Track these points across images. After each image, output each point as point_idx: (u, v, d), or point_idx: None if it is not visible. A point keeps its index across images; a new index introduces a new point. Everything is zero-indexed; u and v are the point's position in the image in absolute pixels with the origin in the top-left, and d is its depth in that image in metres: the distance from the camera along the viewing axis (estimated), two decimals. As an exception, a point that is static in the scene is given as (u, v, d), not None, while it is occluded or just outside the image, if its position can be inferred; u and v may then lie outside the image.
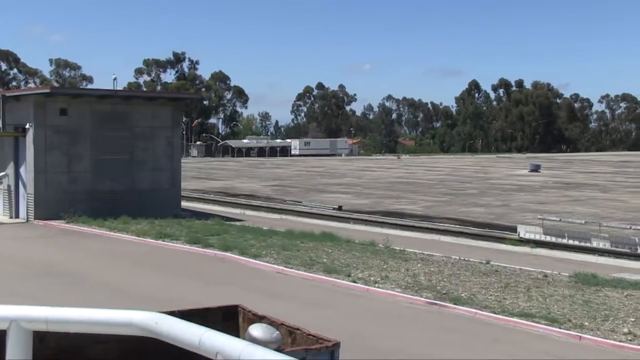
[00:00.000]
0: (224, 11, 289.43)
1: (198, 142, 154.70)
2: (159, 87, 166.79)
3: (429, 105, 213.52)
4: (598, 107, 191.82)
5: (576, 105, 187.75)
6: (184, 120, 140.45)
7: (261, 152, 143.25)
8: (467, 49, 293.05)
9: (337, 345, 7.39)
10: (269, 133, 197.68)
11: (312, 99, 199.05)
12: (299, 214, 40.31)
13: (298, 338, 7.78)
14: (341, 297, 19.59)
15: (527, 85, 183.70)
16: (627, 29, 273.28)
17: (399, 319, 17.54)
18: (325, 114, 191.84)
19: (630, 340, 15.44)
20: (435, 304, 18.60)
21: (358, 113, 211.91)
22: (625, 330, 15.99)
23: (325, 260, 23.84)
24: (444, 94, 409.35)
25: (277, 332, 7.39)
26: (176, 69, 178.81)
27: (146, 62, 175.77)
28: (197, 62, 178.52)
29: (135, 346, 6.62)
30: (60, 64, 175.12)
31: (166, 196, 35.44)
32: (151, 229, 29.75)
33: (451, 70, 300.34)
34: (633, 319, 16.80)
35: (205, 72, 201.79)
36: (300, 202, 44.65)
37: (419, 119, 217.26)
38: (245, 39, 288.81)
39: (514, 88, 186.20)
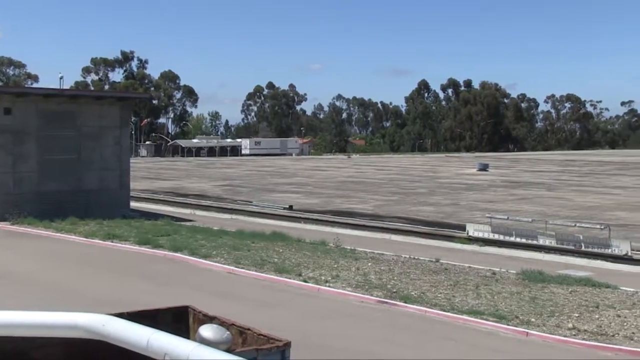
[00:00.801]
0: (174, 10, 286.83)
1: (147, 142, 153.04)
2: (107, 87, 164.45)
3: (379, 105, 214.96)
4: (544, 107, 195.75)
5: (523, 105, 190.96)
6: (132, 119, 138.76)
7: (211, 151, 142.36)
8: (416, 49, 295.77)
9: (288, 345, 7.39)
10: (219, 133, 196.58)
11: (263, 98, 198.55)
12: (249, 214, 40.18)
13: (249, 338, 7.76)
14: (292, 297, 19.59)
15: (476, 85, 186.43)
16: (572, 31, 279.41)
17: (350, 317, 17.61)
18: (276, 114, 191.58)
19: (575, 335, 15.79)
20: (386, 302, 18.73)
21: (308, 112, 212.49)
22: (570, 325, 16.34)
23: (276, 260, 23.81)
24: (394, 93, 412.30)
25: (228, 333, 7.35)
26: (124, 68, 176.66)
27: (94, 61, 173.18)
28: (146, 61, 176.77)
29: (83, 349, 6.51)
30: (4, 62, 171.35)
31: (115, 197, 34.97)
32: (99, 229, 29.32)
33: (401, 70, 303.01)
34: (577, 315, 17.17)
35: (154, 71, 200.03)
36: (251, 202, 44.50)
37: (369, 119, 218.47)
38: (195, 38, 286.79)
39: (462, 88, 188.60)
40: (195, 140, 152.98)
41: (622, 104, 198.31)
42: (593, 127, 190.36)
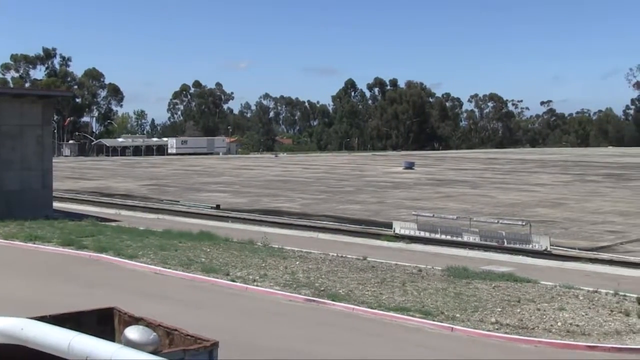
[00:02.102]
0: (97, 6, 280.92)
1: (71, 141, 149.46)
2: (27, 84, 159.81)
3: (306, 104, 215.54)
4: (468, 106, 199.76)
5: (448, 104, 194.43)
6: (55, 118, 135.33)
7: (137, 151, 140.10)
8: (343, 48, 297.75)
9: (215, 345, 7.35)
10: (145, 132, 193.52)
11: (189, 97, 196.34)
12: (176, 214, 39.74)
13: (176, 339, 7.68)
14: (220, 297, 19.48)
15: (401, 84, 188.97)
16: (495, 32, 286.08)
17: (278, 316, 17.62)
18: (203, 113, 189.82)
19: (497, 329, 16.20)
20: (314, 300, 18.82)
21: (235, 111, 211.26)
22: (493, 320, 16.76)
23: (203, 259, 23.64)
24: (321, 92, 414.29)
25: (155, 334, 7.26)
26: (46, 66, 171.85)
27: (14, 58, 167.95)
28: (69, 59, 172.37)
29: (1, 354, 6.33)
30: None
31: (37, 197, 34.04)
32: (20, 231, 28.51)
33: (328, 69, 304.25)
34: (500, 309, 17.62)
35: (77, 69, 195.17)
36: (178, 202, 44.02)
37: (296, 118, 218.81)
38: (120, 35, 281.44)
39: (388, 87, 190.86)
40: (120, 140, 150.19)
41: (542, 103, 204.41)
42: (514, 126, 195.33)
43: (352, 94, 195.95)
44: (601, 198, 46.35)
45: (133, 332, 7.05)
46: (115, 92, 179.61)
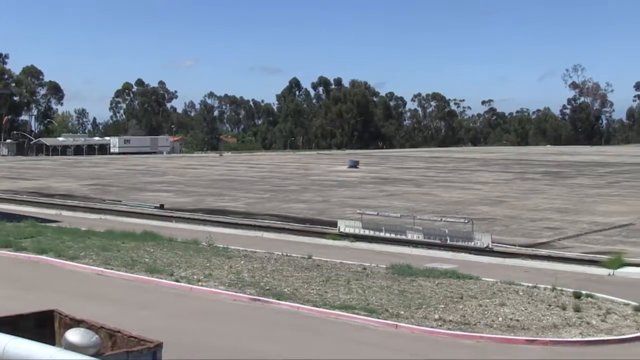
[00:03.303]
0: (35, 2, 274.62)
1: (8, 140, 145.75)
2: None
3: (251, 103, 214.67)
4: (411, 105, 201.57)
5: (391, 103, 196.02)
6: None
7: (78, 150, 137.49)
8: (287, 47, 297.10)
9: (159, 345, 7.29)
10: (86, 131, 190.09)
11: (132, 95, 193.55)
12: (119, 214, 39.19)
13: (119, 341, 7.60)
14: (164, 297, 19.31)
15: (346, 83, 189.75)
16: (437, 31, 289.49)
17: (223, 316, 17.56)
18: (146, 111, 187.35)
19: (441, 325, 16.45)
20: (259, 300, 18.81)
21: (179, 110, 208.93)
22: (436, 316, 17.01)
23: (147, 260, 23.40)
24: (266, 91, 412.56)
25: (97, 336, 7.16)
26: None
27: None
28: (6, 56, 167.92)
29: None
30: None
31: (-27, 198, 33.15)
32: (-45, 233, 27.77)
33: (272, 68, 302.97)
34: (443, 306, 17.88)
35: (15, 66, 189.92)
36: (121, 202, 43.41)
37: (241, 116, 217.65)
38: (60, 32, 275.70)
39: (333, 86, 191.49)
40: (61, 139, 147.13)
41: (483, 102, 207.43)
42: (457, 125, 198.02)
43: (297, 93, 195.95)
44: (540, 196, 47.37)
45: (74, 335, 6.94)
46: (55, 90, 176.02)
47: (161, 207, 40.64)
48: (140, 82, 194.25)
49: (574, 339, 15.60)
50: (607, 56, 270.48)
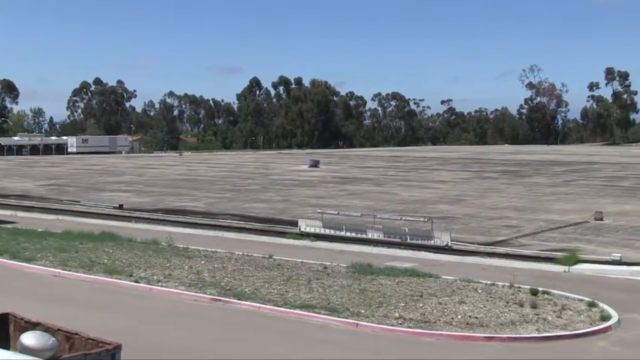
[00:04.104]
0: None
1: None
2: None
3: (211, 102, 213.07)
4: (371, 105, 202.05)
5: (351, 103, 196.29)
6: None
7: (34, 150, 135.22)
8: (247, 46, 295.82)
9: (118, 347, 7.24)
10: (42, 130, 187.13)
11: (90, 94, 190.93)
12: (77, 214, 38.70)
13: (77, 343, 7.52)
14: (124, 298, 19.15)
15: (306, 83, 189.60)
16: (396, 32, 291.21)
17: (183, 316, 17.46)
18: (104, 110, 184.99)
19: (401, 323, 16.58)
20: (220, 300, 18.76)
21: (138, 109, 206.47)
22: (397, 315, 17.13)
23: (106, 260, 23.17)
24: (226, 90, 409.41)
25: (53, 339, 7.08)
26: None
27: None
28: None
29: None
30: None
31: None
32: None
33: (232, 67, 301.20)
34: (403, 304, 18.02)
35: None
36: (79, 202, 42.87)
37: (200, 116, 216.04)
38: (14, 29, 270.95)
39: (293, 86, 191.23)
40: (16, 138, 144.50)
41: (442, 102, 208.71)
42: (416, 125, 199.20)
43: (257, 92, 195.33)
44: (498, 194, 47.94)
45: (29, 338, 6.85)
46: (10, 89, 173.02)
47: (120, 207, 40.22)
48: (98, 81, 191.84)
49: (531, 335, 15.86)
50: (562, 57, 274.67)
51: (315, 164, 78.95)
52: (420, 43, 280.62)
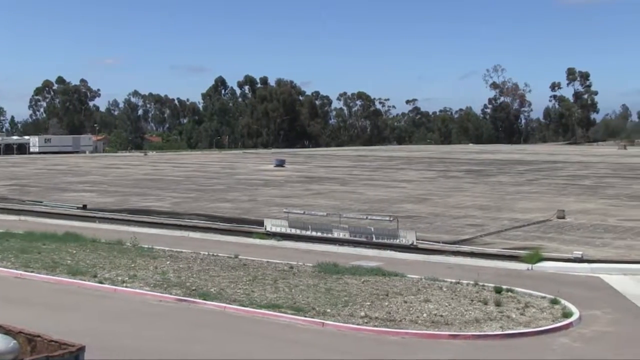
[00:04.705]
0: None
1: None
2: None
3: (176, 102, 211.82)
4: (337, 104, 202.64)
5: (317, 102, 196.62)
6: None
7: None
8: (212, 46, 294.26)
9: (82, 349, 7.17)
10: (3, 129, 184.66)
11: (53, 93, 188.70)
12: (39, 215, 38.19)
13: (39, 345, 7.43)
14: (87, 299, 18.96)
15: (272, 82, 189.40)
16: (362, 31, 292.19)
17: (149, 317, 17.35)
18: (67, 110, 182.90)
19: (367, 322, 16.65)
20: (185, 300, 18.67)
21: (102, 109, 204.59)
22: (362, 313, 17.21)
23: (69, 261, 22.91)
24: (191, 90, 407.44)
25: (14, 341, 7.00)
26: None
27: None
28: None
29: None
30: None
31: None
32: None
33: (197, 66, 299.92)
34: (369, 303, 18.11)
35: None
36: (41, 202, 42.31)
37: (165, 115, 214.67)
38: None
39: (259, 85, 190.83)
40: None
41: (407, 102, 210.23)
42: (382, 124, 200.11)
43: (223, 91, 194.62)
44: (462, 193, 48.36)
45: (-9, 340, 6.76)
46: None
47: (84, 207, 39.79)
48: (61, 80, 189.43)
49: (495, 333, 16.05)
50: (525, 57, 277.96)
51: (281, 164, 78.89)
52: (385, 43, 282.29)
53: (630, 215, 36.49)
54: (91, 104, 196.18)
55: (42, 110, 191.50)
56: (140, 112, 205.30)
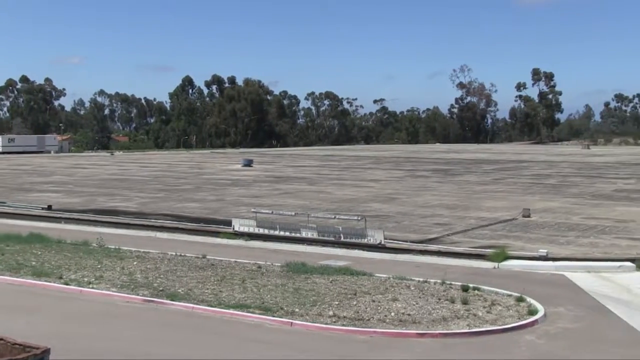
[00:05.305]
0: None
1: None
2: None
3: (143, 101, 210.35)
4: (305, 104, 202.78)
5: (285, 102, 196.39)
6: None
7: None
8: (179, 45, 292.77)
9: (46, 351, 7.11)
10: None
11: (16, 92, 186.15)
12: (3, 216, 37.60)
13: (2, 348, 7.34)
14: (53, 301, 18.75)
15: (239, 82, 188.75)
16: (329, 31, 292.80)
17: (115, 318, 17.21)
18: (32, 109, 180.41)
19: (335, 321, 16.70)
20: (153, 301, 18.55)
21: (68, 108, 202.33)
22: (331, 313, 17.26)
23: (34, 263, 22.63)
24: (158, 89, 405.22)
25: (-22, 344, 6.90)
26: None
27: None
28: None
29: None
30: None
31: None
32: None
33: (164, 66, 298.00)
34: (337, 302, 18.16)
35: None
36: (5, 203, 41.70)
37: (132, 115, 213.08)
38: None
39: (226, 85, 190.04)
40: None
41: (375, 101, 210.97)
42: (350, 124, 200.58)
43: (190, 91, 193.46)
44: (430, 192, 48.68)
45: (-46, 343, 6.66)
46: None
47: (49, 208, 39.31)
48: (25, 79, 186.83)
49: (462, 331, 16.19)
50: (491, 57, 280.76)
51: (248, 163, 78.69)
52: (353, 43, 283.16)
53: (593, 214, 37.07)
54: (56, 103, 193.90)
55: (5, 109, 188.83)
56: (106, 111, 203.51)
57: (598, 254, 26.09)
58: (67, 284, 20.12)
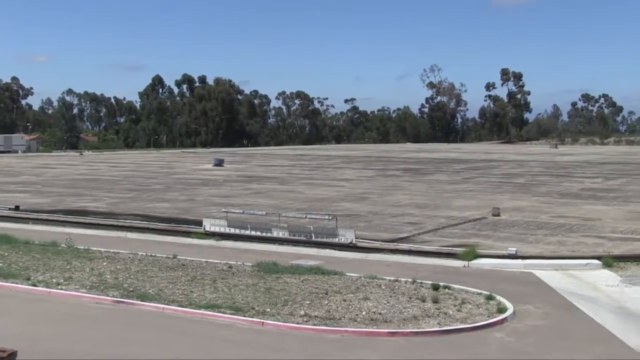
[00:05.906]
0: None
1: None
2: None
3: (112, 100, 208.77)
4: (276, 103, 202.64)
5: (256, 101, 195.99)
6: None
7: None
8: (148, 44, 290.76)
9: (13, 354, 7.04)
10: None
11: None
12: (-31, 217, 37.12)
13: (-31, 351, 7.25)
14: (20, 303, 18.54)
15: (210, 81, 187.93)
16: (299, 30, 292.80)
17: (84, 320, 17.06)
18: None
19: (306, 321, 16.72)
20: (123, 302, 18.42)
21: (36, 107, 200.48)
22: (302, 312, 17.27)
23: (0, 264, 22.35)
24: (128, 88, 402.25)
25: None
26: None
27: None
28: None
29: None
30: None
31: None
32: None
33: (134, 65, 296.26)
34: (308, 302, 18.18)
35: None
36: (-29, 204, 41.16)
37: (102, 114, 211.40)
38: None
39: (197, 84, 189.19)
40: None
41: (346, 101, 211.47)
42: (321, 123, 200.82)
43: (160, 90, 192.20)
44: (401, 192, 48.91)
45: None
46: None
47: (16, 208, 38.81)
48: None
49: (433, 329, 16.30)
50: (461, 57, 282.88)
51: (219, 163, 78.41)
52: (324, 43, 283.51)
53: (561, 212, 37.51)
54: (24, 102, 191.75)
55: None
56: (75, 110, 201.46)
57: (566, 252, 26.42)
58: (35, 285, 19.90)
